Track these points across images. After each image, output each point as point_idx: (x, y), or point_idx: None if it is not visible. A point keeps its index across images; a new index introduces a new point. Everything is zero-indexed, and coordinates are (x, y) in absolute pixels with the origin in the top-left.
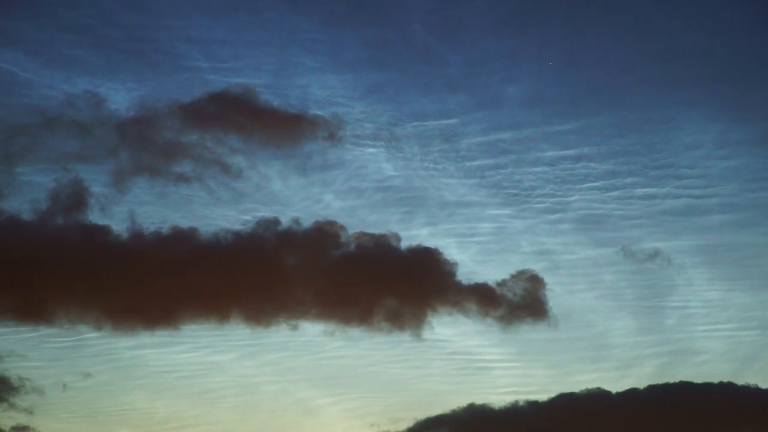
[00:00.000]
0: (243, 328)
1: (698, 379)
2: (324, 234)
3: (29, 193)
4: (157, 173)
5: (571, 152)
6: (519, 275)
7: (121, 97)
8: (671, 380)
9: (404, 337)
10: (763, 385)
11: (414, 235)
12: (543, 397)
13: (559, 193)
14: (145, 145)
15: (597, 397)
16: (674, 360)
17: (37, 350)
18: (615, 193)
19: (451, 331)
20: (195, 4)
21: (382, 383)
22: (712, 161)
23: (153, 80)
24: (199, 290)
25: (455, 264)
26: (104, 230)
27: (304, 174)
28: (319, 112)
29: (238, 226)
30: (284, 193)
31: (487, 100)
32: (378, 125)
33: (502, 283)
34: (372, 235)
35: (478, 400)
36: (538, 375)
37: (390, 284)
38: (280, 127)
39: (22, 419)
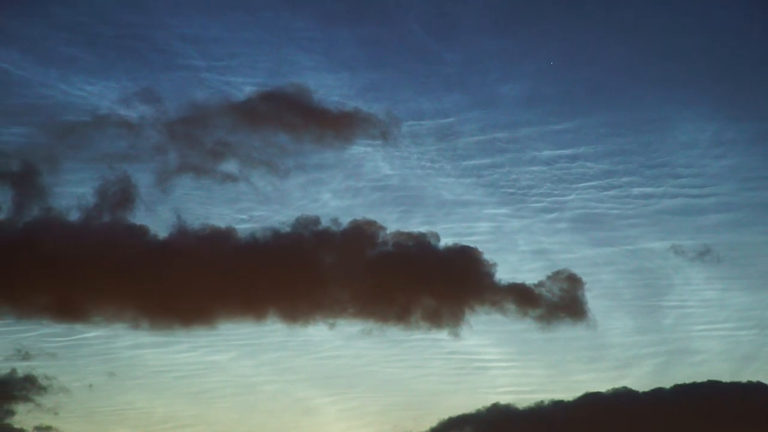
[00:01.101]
0: (247, 326)
1: (695, 379)
2: (362, 233)
3: (76, 191)
4: (203, 172)
5: (568, 151)
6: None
7: (116, 95)
8: (669, 379)
9: (402, 336)
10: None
11: None
12: (542, 396)
13: (556, 192)
14: (193, 144)
15: (623, 397)
16: (672, 360)
17: (69, 349)
18: (612, 192)
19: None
20: (190, 3)
21: (381, 383)
22: (708, 160)
23: (148, 78)
24: (238, 289)
25: (494, 264)
26: (144, 229)
27: (347, 173)
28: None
29: (279, 225)
30: (325, 193)
31: (484, 99)
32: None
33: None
34: (410, 234)
35: (477, 400)
36: (536, 375)
37: (427, 283)
38: (332, 126)
39: (46, 419)
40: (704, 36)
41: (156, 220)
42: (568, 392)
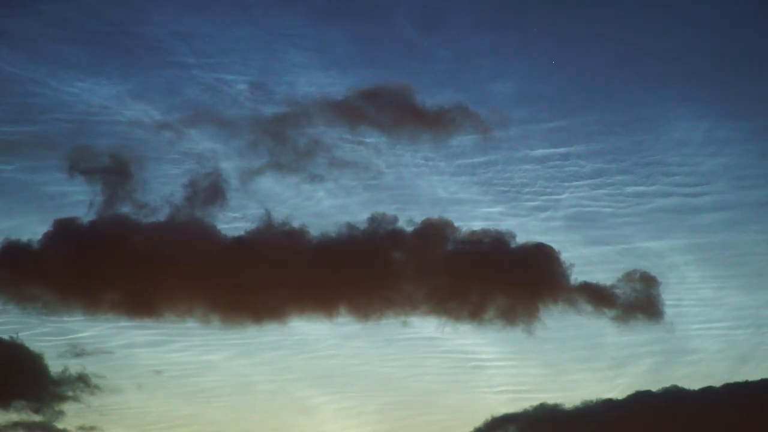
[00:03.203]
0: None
1: (692, 378)
2: (436, 230)
3: (166, 187)
4: (293, 170)
5: (561, 149)
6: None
7: (107, 92)
8: (666, 379)
9: (400, 336)
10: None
11: None
12: (541, 396)
13: (549, 190)
14: (287, 141)
15: (673, 396)
16: (667, 359)
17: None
18: (605, 191)
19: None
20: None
21: (378, 382)
22: (701, 158)
23: (139, 75)
24: (312, 285)
25: (571, 264)
26: (213, 229)
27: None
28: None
29: (360, 222)
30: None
31: (475, 97)
32: None
33: None
34: (485, 232)
35: (476, 398)
36: (533, 374)
37: (502, 281)
38: (434, 126)
39: (91, 419)
40: (697, 34)
41: (239, 217)
42: (566, 392)
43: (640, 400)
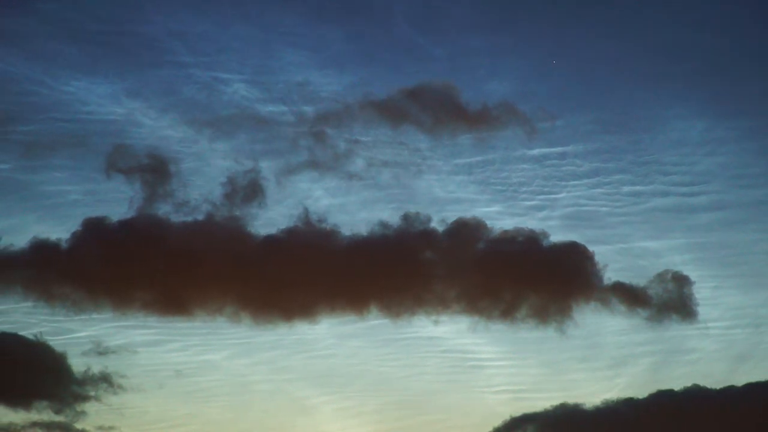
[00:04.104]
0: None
1: (689, 378)
2: (468, 229)
3: (203, 186)
4: (331, 169)
5: (557, 149)
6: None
7: (103, 90)
8: (663, 379)
9: (399, 335)
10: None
11: None
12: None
13: (546, 189)
14: (327, 140)
15: (695, 395)
16: (666, 359)
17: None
18: (601, 190)
19: (444, 329)
20: None
21: (377, 382)
22: (698, 157)
23: (135, 74)
24: (344, 284)
25: (605, 265)
26: (241, 227)
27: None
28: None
29: (395, 222)
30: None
31: (472, 95)
32: None
33: None
34: (518, 231)
35: (474, 398)
36: (533, 374)
37: (534, 280)
38: (477, 124)
39: (109, 420)
40: (694, 33)
41: (275, 216)
42: (564, 392)
43: (662, 399)
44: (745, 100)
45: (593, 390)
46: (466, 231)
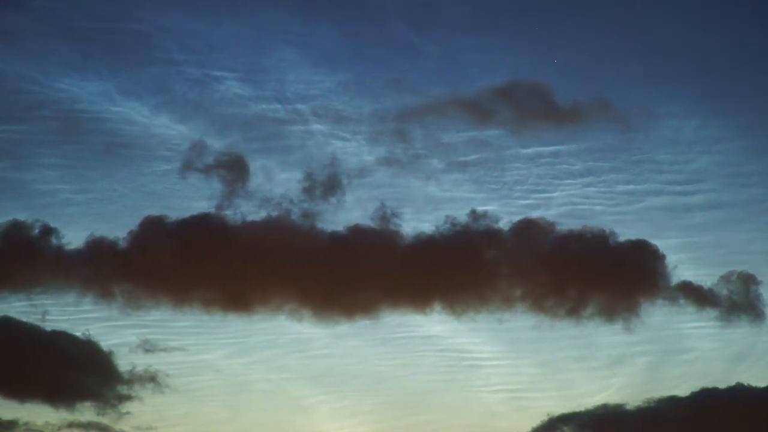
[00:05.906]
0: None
1: (687, 378)
2: (533, 228)
3: (275, 186)
4: (408, 167)
5: (551, 147)
6: None
7: (95, 88)
8: (660, 378)
9: (396, 334)
10: (754, 384)
11: None
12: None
13: (540, 188)
14: (407, 137)
15: (739, 393)
16: (662, 359)
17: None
18: (596, 189)
19: (441, 328)
20: None
21: (374, 381)
22: (692, 155)
23: (127, 71)
24: (405, 281)
25: (676, 266)
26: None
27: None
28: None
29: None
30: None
31: (465, 93)
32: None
33: None
34: (586, 229)
35: (473, 397)
36: (529, 372)
37: (600, 279)
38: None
39: (147, 419)
40: (687, 30)
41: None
42: (563, 391)
43: (705, 397)
44: (740, 97)
45: (594, 390)
46: (527, 229)
